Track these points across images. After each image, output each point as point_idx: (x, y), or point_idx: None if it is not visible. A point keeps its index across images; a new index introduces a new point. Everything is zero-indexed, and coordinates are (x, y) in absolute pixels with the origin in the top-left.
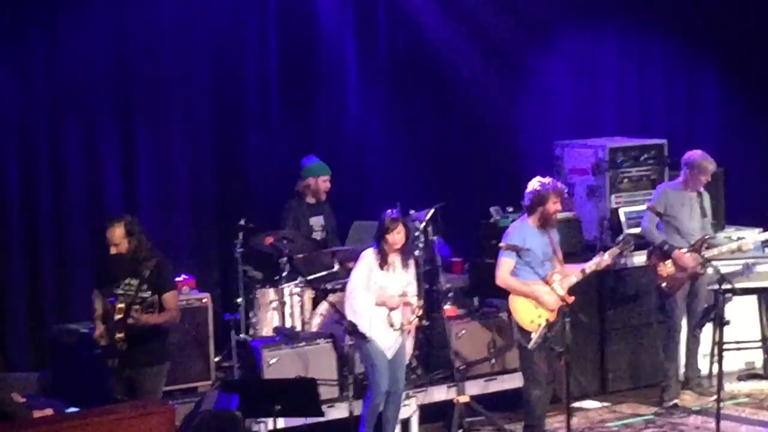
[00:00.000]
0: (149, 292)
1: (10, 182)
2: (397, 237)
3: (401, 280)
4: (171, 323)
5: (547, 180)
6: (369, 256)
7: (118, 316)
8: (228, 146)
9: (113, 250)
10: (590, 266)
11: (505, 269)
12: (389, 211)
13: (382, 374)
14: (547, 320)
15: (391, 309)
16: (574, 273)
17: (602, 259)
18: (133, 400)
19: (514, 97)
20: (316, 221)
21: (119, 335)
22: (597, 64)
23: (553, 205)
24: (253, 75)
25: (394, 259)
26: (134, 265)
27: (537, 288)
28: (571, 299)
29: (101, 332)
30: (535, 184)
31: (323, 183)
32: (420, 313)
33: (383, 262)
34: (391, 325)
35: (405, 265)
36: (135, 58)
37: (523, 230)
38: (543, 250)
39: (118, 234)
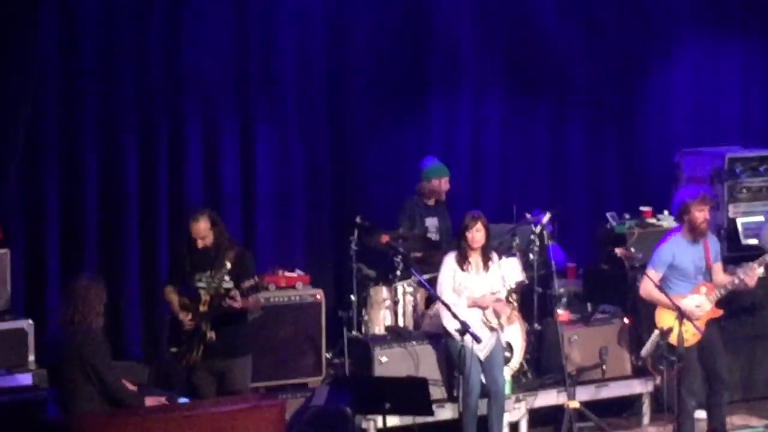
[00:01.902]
0: (231, 283)
1: (130, 175)
2: (476, 235)
3: (485, 281)
4: (255, 309)
5: (692, 189)
6: (450, 258)
7: (203, 309)
8: (344, 144)
9: (200, 244)
10: (738, 279)
11: (648, 282)
12: (473, 210)
13: (472, 376)
14: (661, 329)
15: (484, 308)
16: (724, 285)
17: (755, 270)
18: (222, 394)
19: (634, 103)
20: (432, 222)
21: (206, 326)
22: (720, 72)
23: (699, 213)
24: (368, 73)
25: (477, 259)
26: (217, 256)
27: (684, 301)
28: (718, 312)
29: (188, 319)
30: (679, 193)
31: (446, 184)
32: (515, 307)
33: (463, 261)
34: (488, 324)
35: (486, 266)
36: (253, 58)
37: (672, 244)
38: (695, 263)
39: (203, 227)
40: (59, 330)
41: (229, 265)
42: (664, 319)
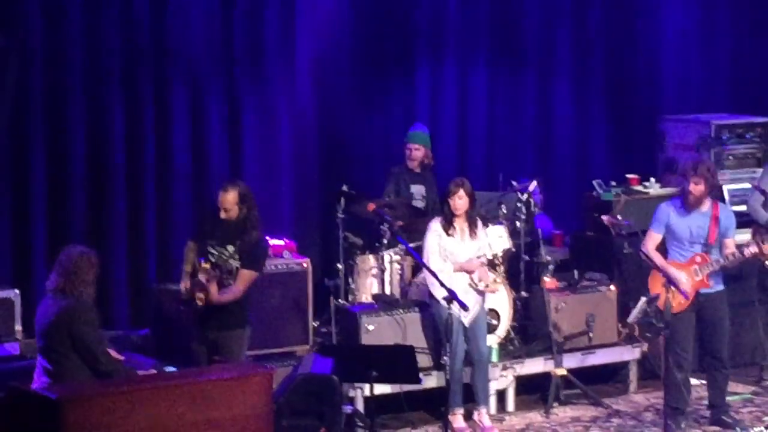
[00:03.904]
0: (238, 263)
1: (115, 145)
2: (458, 202)
3: (471, 247)
4: (234, 300)
5: (704, 160)
6: (435, 223)
7: (201, 276)
8: (331, 112)
9: (223, 215)
10: (739, 253)
11: (649, 240)
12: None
13: (456, 342)
14: (648, 296)
15: (470, 272)
16: (719, 259)
17: (762, 246)
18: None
19: (620, 70)
20: (418, 189)
21: (199, 295)
22: (709, 35)
23: (693, 186)
24: (355, 41)
25: (462, 225)
26: (237, 233)
27: (674, 269)
28: (707, 284)
29: (186, 287)
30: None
31: (417, 152)
32: (499, 273)
33: (448, 227)
34: (475, 287)
35: (472, 232)
36: (240, 25)
37: (671, 207)
38: (692, 230)
39: (231, 199)
40: (48, 299)
41: (243, 245)
42: (654, 283)
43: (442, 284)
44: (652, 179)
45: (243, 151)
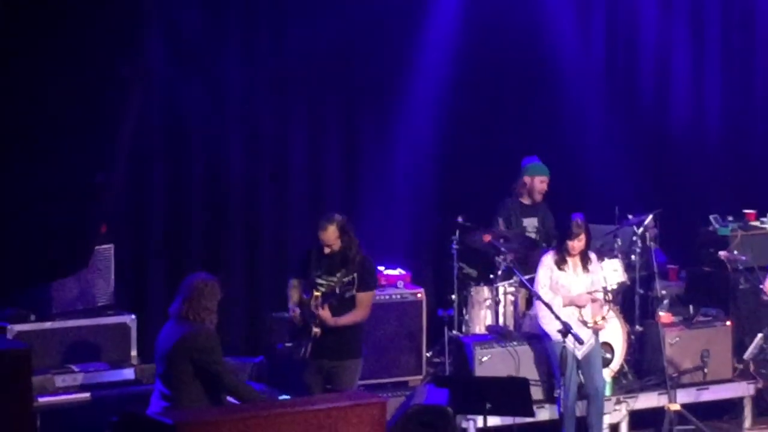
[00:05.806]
0: (350, 287)
1: (235, 174)
2: (576, 244)
3: (584, 281)
4: (356, 323)
5: None
6: (548, 257)
7: (313, 305)
8: (447, 143)
9: (327, 251)
10: None
11: None
12: (576, 215)
13: (570, 376)
14: (765, 331)
15: (581, 307)
16: None
17: None
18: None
19: (739, 100)
20: (530, 222)
21: (315, 330)
22: None
23: None
24: (472, 75)
25: (575, 259)
26: (342, 261)
27: None
28: None
29: (298, 316)
30: None
31: (540, 183)
32: (608, 309)
33: (561, 261)
34: (585, 323)
35: (585, 267)
36: (357, 57)
37: None
38: None
39: (331, 235)
40: (170, 324)
41: (352, 269)
42: None
43: (557, 317)
44: None
45: (358, 181)
